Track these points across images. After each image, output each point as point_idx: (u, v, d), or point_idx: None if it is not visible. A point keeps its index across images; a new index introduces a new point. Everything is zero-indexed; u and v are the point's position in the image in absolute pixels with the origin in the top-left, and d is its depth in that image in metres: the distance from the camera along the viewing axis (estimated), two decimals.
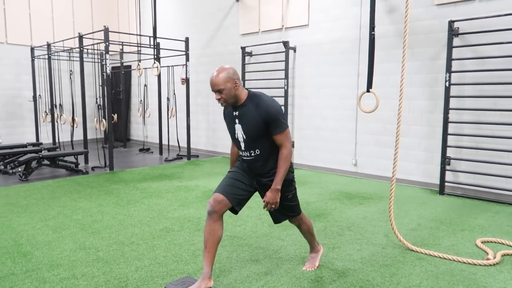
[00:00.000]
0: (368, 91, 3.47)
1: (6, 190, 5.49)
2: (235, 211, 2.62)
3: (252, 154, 2.53)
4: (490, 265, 3.00)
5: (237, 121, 2.51)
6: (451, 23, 4.97)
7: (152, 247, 3.41)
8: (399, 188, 5.53)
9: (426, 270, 2.94)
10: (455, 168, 5.27)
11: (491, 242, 3.51)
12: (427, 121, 5.53)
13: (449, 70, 5.01)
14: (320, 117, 6.81)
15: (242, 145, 2.54)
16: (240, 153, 2.62)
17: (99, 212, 4.45)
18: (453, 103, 5.16)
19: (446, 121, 5.12)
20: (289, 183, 2.61)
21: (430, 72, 5.44)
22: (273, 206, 2.50)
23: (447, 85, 5.04)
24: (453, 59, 5.03)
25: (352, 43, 6.23)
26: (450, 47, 5.01)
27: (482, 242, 3.45)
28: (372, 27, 3.33)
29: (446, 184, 5.25)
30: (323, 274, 2.89)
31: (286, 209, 2.70)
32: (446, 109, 5.10)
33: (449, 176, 5.28)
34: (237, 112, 2.50)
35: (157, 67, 7.56)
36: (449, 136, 5.18)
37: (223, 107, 2.57)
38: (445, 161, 5.20)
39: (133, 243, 3.49)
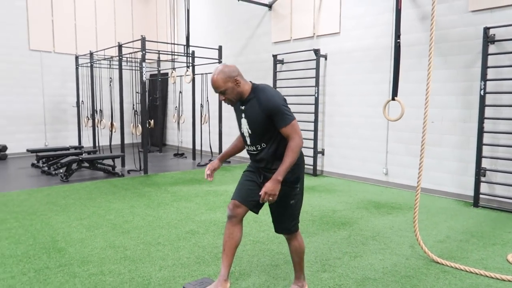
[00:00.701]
0: (393, 99, 3.43)
1: (48, 190, 5.85)
2: (255, 211, 2.61)
3: (258, 148, 2.47)
4: None
5: (243, 115, 2.48)
6: (486, 29, 4.82)
7: (177, 248, 3.53)
8: (431, 199, 5.38)
9: (450, 283, 2.86)
10: (491, 179, 5.06)
11: None
12: (461, 131, 5.36)
13: (484, 78, 4.85)
14: (351, 125, 6.75)
15: (248, 140, 2.50)
16: (247, 148, 2.57)
17: (130, 213, 4.65)
18: (488, 112, 4.97)
19: (481, 131, 4.95)
20: (293, 182, 2.44)
21: (465, 80, 5.28)
22: (271, 198, 2.30)
23: (482, 93, 4.88)
24: (489, 67, 4.86)
25: (384, 50, 6.16)
26: (485, 54, 4.84)
27: None
28: (397, 35, 3.31)
29: (480, 196, 5.05)
30: (342, 282, 2.88)
31: (282, 216, 2.53)
32: (481, 118, 4.92)
33: (484, 188, 5.08)
34: (243, 107, 2.47)
35: (189, 74, 7.79)
36: (484, 147, 5.00)
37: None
38: (479, 172, 5.00)
39: (159, 244, 3.63)
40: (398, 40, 3.30)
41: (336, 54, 6.90)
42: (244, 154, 8.95)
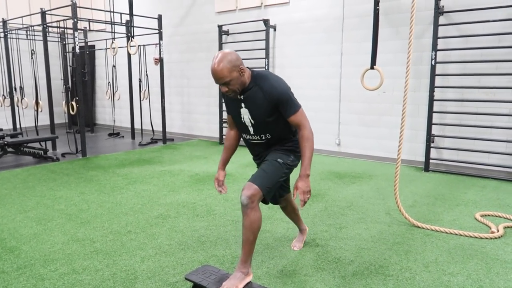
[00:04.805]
0: (372, 68, 3.40)
1: None
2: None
3: (263, 138, 2.35)
4: (496, 238, 3.07)
5: (243, 105, 2.28)
6: (437, 1, 4.98)
7: (152, 235, 3.20)
8: (386, 167, 5.60)
9: (438, 246, 2.96)
10: (439, 145, 5.39)
11: (489, 215, 3.61)
12: (411, 100, 5.59)
13: (435, 48, 5.05)
14: (303, 97, 6.69)
15: (251, 129, 2.34)
16: (247, 136, 2.42)
17: (83, 200, 4.15)
18: (437, 81, 5.22)
19: (431, 99, 5.20)
20: (288, 153, 2.37)
21: (415, 50, 5.46)
22: (308, 195, 2.25)
23: (433, 63, 5.09)
24: (439, 38, 5.07)
25: (336, 21, 6.13)
26: (436, 25, 5.03)
27: (481, 216, 3.53)
28: (376, 1, 3.24)
29: (430, 161, 5.36)
30: (338, 255, 2.83)
31: (261, 171, 2.30)
32: (432, 87, 5.16)
33: (433, 153, 5.40)
34: (242, 96, 2.26)
35: (134, 45, 7.12)
36: (433, 114, 5.27)
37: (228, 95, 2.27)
38: (430, 138, 5.29)
39: (130, 232, 3.27)
40: (377, 7, 3.24)
41: (285, 24, 6.74)
42: (189, 130, 8.59)
